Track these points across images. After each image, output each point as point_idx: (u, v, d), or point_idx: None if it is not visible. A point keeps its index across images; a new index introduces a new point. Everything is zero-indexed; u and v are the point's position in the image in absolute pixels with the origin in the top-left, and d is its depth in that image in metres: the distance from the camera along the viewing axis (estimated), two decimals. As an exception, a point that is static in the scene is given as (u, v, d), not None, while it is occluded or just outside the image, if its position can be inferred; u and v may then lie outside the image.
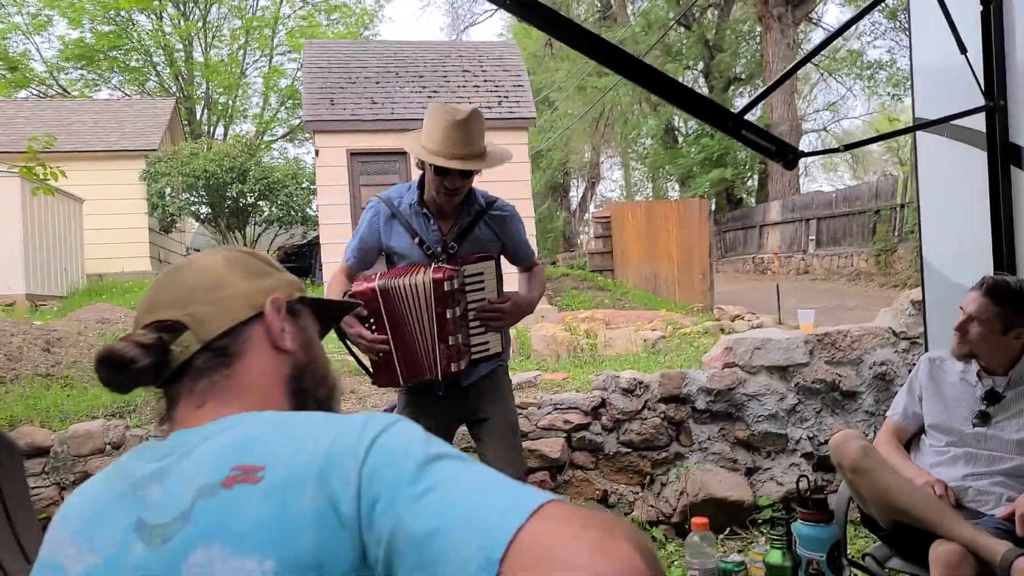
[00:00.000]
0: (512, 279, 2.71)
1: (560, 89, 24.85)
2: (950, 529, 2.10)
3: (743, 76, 25.56)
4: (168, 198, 13.94)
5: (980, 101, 3.07)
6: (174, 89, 27.02)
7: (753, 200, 23.66)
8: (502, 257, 2.70)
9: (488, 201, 2.61)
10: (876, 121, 29.72)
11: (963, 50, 2.95)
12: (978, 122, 3.16)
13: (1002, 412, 2.44)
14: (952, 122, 3.17)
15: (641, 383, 4.22)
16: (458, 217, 2.54)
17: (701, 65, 25.88)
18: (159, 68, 27.68)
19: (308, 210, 13.89)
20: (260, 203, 13.57)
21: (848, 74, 25.12)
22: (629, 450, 4.14)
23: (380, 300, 2.34)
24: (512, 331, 3.39)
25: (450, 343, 2.36)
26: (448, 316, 2.33)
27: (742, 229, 21.14)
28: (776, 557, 1.93)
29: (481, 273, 2.44)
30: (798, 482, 2.32)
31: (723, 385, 4.20)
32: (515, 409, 2.77)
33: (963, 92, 3.10)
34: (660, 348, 6.84)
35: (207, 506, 0.81)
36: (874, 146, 32.06)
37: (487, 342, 2.48)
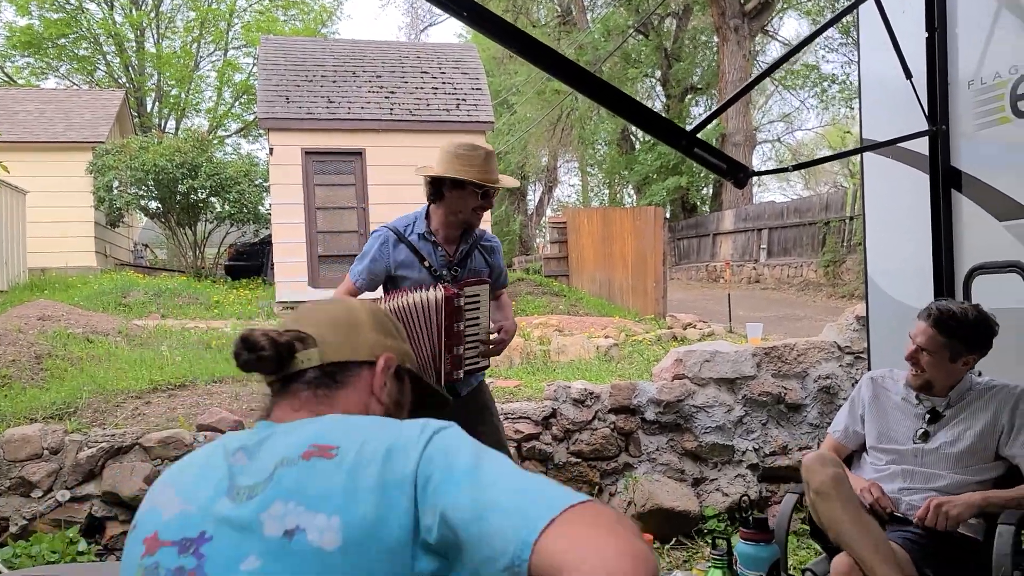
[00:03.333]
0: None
1: (519, 92, 24.90)
2: (874, 570, 2.14)
3: (700, 86, 25.90)
4: (116, 192, 13.58)
5: (924, 125, 3.15)
6: (124, 80, 26.33)
7: (707, 208, 23.98)
8: None
9: (479, 233, 2.92)
10: (829, 133, 30.40)
11: (908, 75, 3.03)
12: (922, 145, 3.25)
13: (941, 430, 2.52)
14: (897, 144, 3.25)
15: (592, 394, 4.23)
16: (459, 244, 2.84)
17: (659, 73, 26.16)
18: (109, 58, 26.96)
19: (261, 208, 13.66)
20: (212, 199, 13.30)
21: (802, 87, 25.64)
22: (579, 460, 4.15)
23: None
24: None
25: (454, 353, 2.66)
26: (455, 329, 2.63)
27: (696, 237, 21.43)
28: (718, 576, 1.95)
29: (478, 295, 2.72)
30: (741, 500, 2.35)
31: (672, 397, 4.24)
32: (502, 423, 3.11)
33: (909, 115, 3.18)
34: (613, 356, 6.89)
35: (287, 472, 1.00)
36: (825, 158, 32.69)
37: (478, 356, 2.79)
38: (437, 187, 2.76)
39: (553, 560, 0.82)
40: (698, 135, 2.69)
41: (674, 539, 4.01)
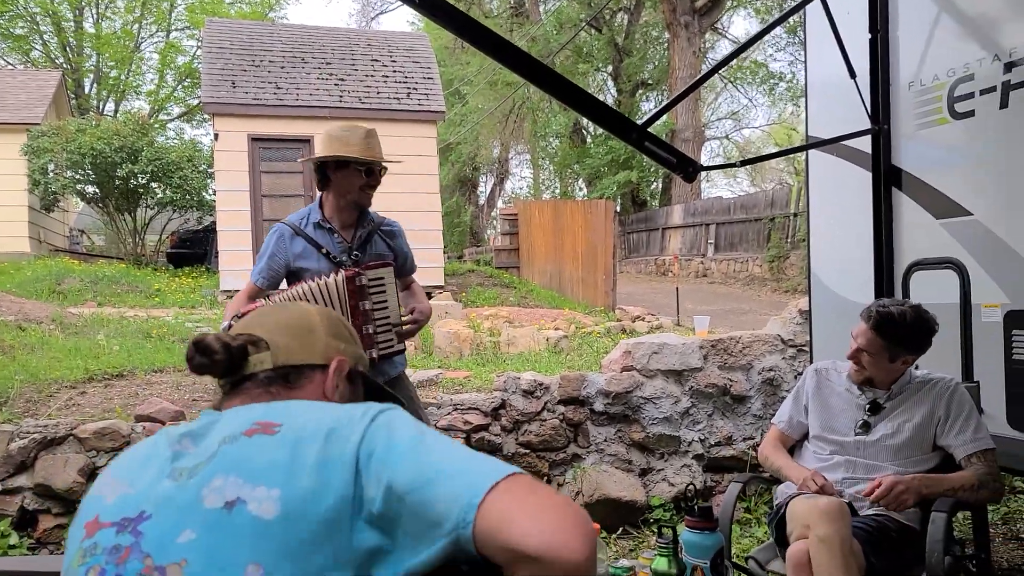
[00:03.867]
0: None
1: (471, 82, 24.77)
2: None
3: (650, 81, 26.13)
4: (51, 175, 13.09)
5: (868, 124, 3.23)
6: (61, 60, 25.41)
7: (657, 203, 24.24)
8: None
9: (379, 219, 2.94)
10: (775, 131, 31.00)
11: (852, 75, 3.10)
12: (865, 144, 3.33)
13: (881, 422, 2.60)
14: (841, 143, 3.33)
15: (541, 384, 4.24)
16: (356, 228, 2.85)
17: (610, 68, 26.31)
18: (46, 37, 25.96)
19: (205, 194, 13.32)
20: (152, 185, 12.92)
21: (751, 84, 26.07)
22: (528, 451, 4.16)
23: None
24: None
25: (363, 332, 2.60)
26: (361, 308, 2.61)
27: (645, 231, 21.65)
28: (662, 564, 1.96)
29: (382, 278, 2.69)
30: (686, 490, 2.37)
31: (621, 388, 4.27)
32: (424, 410, 3.10)
33: (853, 114, 3.25)
34: (562, 348, 6.92)
35: (229, 448, 1.02)
36: (770, 155, 33.27)
37: (392, 339, 2.74)
38: (322, 172, 2.79)
39: (499, 516, 0.88)
40: (648, 130, 2.71)
41: (621, 528, 4.05)
